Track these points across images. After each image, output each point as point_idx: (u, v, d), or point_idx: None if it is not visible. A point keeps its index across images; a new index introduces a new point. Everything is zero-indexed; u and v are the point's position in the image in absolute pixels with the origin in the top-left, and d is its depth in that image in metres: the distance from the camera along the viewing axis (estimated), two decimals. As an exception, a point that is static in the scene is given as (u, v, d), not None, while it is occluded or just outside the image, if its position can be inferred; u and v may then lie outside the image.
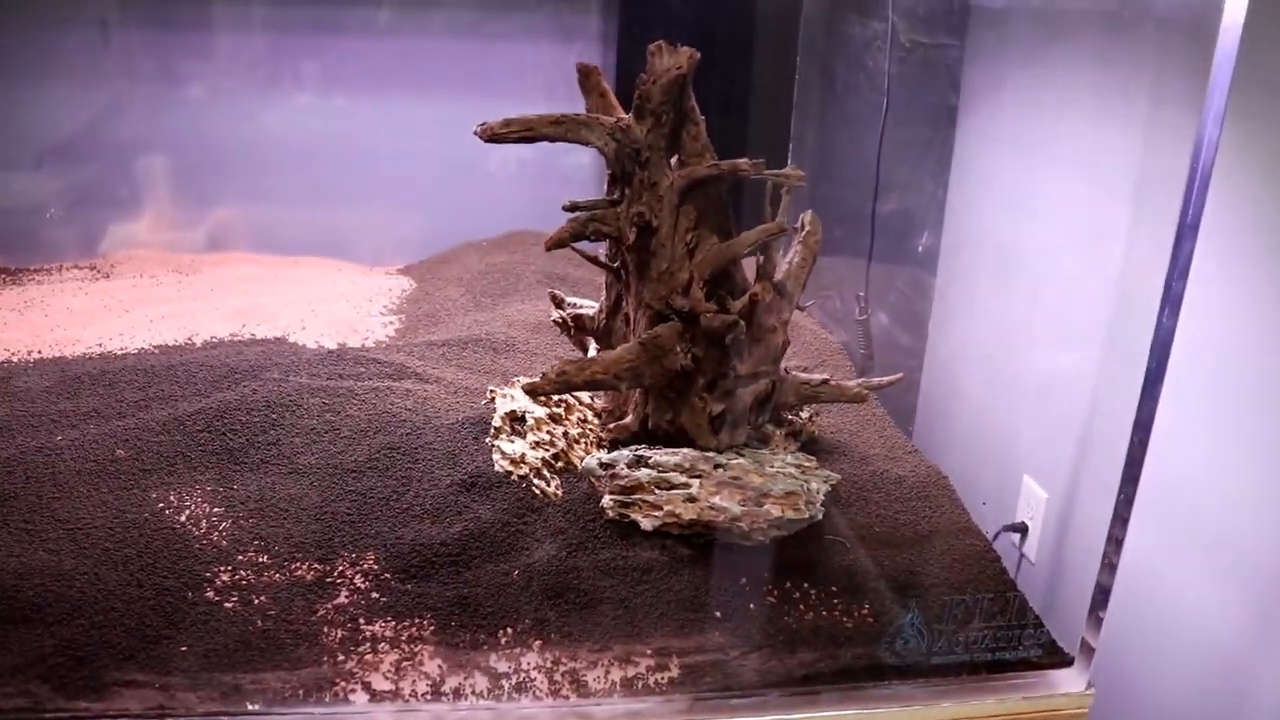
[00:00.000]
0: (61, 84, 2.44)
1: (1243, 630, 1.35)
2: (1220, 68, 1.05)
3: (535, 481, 1.36)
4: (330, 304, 2.05)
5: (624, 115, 1.36)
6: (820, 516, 1.33)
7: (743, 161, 1.33)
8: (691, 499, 1.28)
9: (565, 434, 1.44)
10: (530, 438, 1.43)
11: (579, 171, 2.44)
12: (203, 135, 2.44)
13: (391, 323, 1.96)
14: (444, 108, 2.43)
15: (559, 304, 1.60)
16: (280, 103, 2.46)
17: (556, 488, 1.37)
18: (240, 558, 1.29)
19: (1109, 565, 1.25)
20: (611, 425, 1.43)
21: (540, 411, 1.46)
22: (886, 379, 1.55)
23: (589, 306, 1.57)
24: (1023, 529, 1.73)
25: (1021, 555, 1.74)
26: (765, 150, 1.54)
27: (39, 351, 1.85)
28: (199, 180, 2.47)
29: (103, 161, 2.48)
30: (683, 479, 1.30)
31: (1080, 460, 1.63)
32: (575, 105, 2.08)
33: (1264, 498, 1.29)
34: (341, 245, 2.40)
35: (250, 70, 2.47)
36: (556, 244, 1.32)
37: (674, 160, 1.37)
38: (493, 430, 1.45)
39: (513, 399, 1.49)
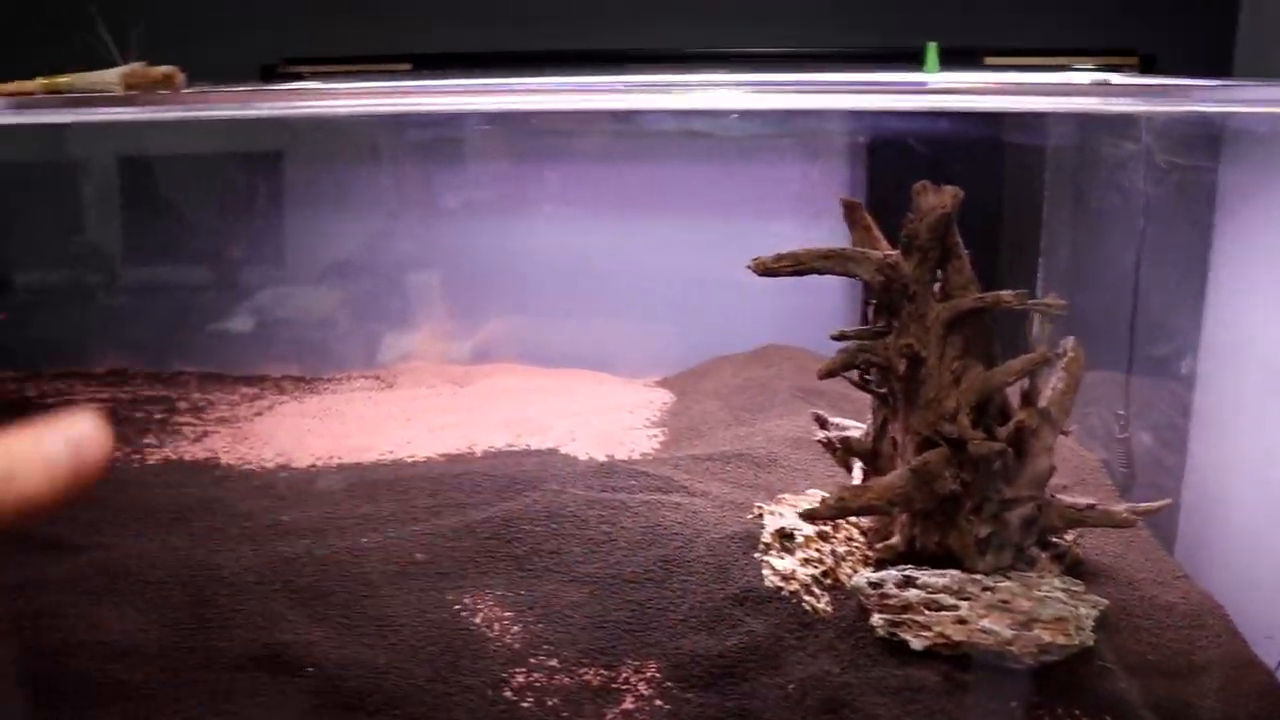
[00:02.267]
0: (341, 210, 2.70)
1: None
2: None
3: (805, 598, 1.42)
4: (596, 416, 2.18)
5: (890, 251, 1.43)
6: (1090, 643, 1.34)
7: (1006, 294, 1.38)
8: (961, 621, 1.32)
9: (833, 552, 1.50)
10: (799, 555, 1.49)
11: (825, 282, 2.52)
12: (472, 254, 2.65)
13: (655, 435, 2.07)
14: (697, 225, 2.56)
15: (823, 424, 1.67)
16: (544, 223, 2.65)
17: (826, 604, 1.43)
18: (532, 660, 1.39)
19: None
20: (879, 545, 1.49)
21: (809, 529, 1.52)
22: (1154, 505, 1.55)
23: (853, 427, 1.63)
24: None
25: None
26: (1014, 269, 1.58)
27: (339, 457, 2.05)
28: (469, 296, 2.68)
29: (379, 279, 2.72)
30: (952, 601, 1.34)
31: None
32: (821, 220, 2.19)
33: None
34: (602, 357, 2.55)
35: (516, 194, 2.67)
36: (828, 374, 1.40)
37: (937, 288, 1.43)
38: (762, 546, 1.53)
39: (780, 516, 1.56)
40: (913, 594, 1.36)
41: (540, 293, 2.63)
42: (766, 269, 1.41)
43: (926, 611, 1.34)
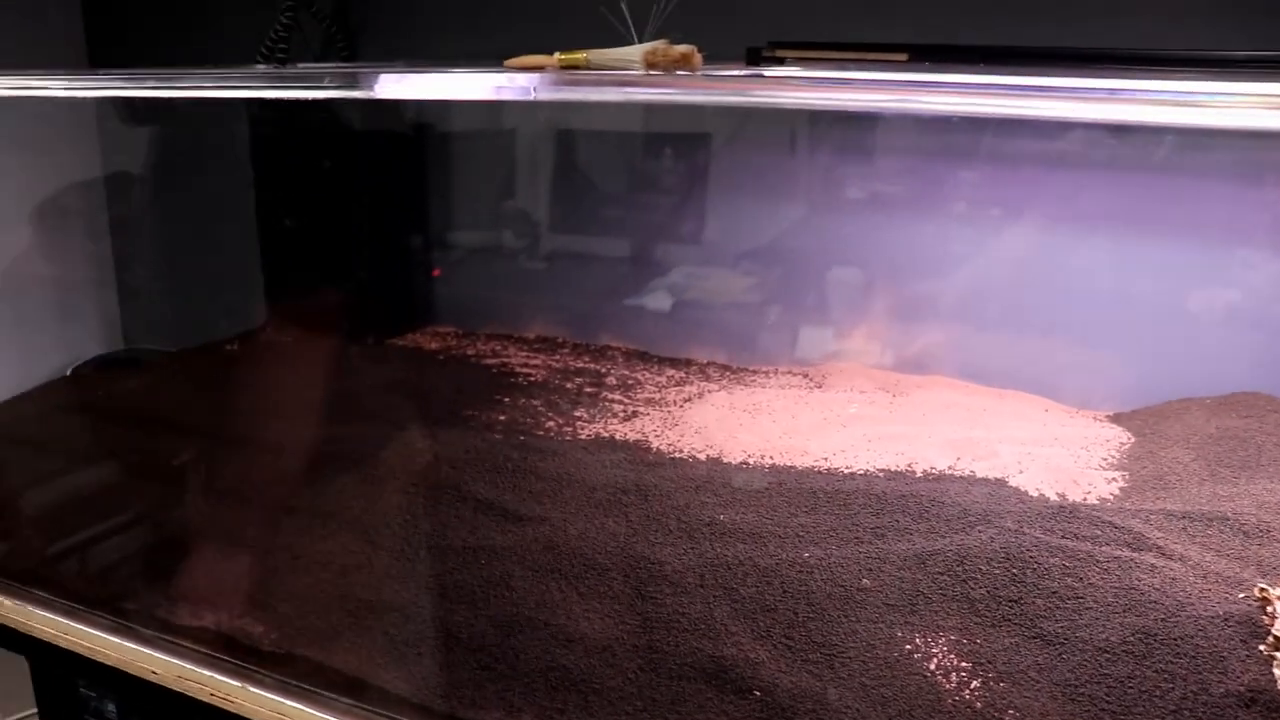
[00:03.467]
0: (756, 197, 2.63)
1: None
2: None
3: (1332, 713, 1.21)
4: (1044, 447, 2.01)
5: None
6: None
7: None
8: None
9: (1365, 661, 1.28)
10: (1321, 658, 1.28)
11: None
12: (911, 257, 2.51)
13: (1114, 479, 1.87)
14: (1159, 248, 2.31)
15: (1351, 503, 1.43)
16: (994, 232, 2.47)
17: (1359, 727, 1.21)
18: (995, 726, 1.27)
19: None
20: None
21: (1333, 628, 1.30)
22: None
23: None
24: None
25: None
26: None
27: (771, 457, 1.98)
28: (906, 300, 2.54)
29: (809, 273, 2.63)
30: None
31: None
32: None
33: None
34: (1045, 382, 2.35)
35: (966, 199, 2.51)
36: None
37: None
38: (1271, 639, 1.32)
39: (1293, 605, 1.35)
40: None
41: (983, 304, 2.45)
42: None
43: None
